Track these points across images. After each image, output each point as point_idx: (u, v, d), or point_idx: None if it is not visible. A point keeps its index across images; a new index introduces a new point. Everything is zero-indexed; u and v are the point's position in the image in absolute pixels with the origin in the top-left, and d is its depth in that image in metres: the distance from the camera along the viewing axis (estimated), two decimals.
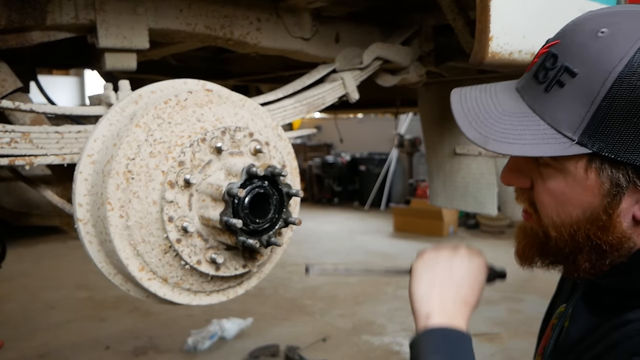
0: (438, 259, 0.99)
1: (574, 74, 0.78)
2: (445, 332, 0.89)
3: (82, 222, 1.13)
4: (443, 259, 0.99)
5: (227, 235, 1.10)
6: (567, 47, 0.80)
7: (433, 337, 0.89)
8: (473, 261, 0.99)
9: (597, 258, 0.84)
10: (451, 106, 0.91)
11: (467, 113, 0.88)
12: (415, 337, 0.91)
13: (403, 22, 2.04)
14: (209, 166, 1.12)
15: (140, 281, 1.12)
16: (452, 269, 0.97)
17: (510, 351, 4.57)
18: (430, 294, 0.95)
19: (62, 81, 12.92)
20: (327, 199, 12.36)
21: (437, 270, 0.97)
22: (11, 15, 1.34)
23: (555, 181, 0.84)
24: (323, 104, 1.73)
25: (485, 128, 0.85)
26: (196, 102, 1.16)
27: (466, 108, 0.89)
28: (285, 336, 4.93)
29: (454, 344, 0.88)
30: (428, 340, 0.89)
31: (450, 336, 0.89)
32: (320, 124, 13.48)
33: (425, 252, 1.02)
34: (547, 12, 1.57)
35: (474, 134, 0.85)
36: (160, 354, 4.64)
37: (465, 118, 0.88)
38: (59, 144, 1.19)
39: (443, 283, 0.96)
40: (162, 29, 1.55)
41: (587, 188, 0.81)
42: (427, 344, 0.89)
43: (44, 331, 5.05)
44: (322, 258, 7.63)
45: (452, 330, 0.89)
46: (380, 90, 2.19)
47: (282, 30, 1.79)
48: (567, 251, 0.86)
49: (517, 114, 0.84)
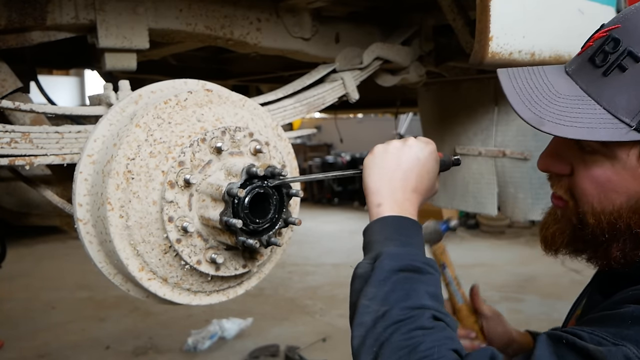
0: (387, 151, 0.99)
1: (638, 58, 0.77)
2: (395, 219, 0.92)
3: (82, 222, 1.13)
4: (392, 151, 0.99)
5: (227, 235, 1.10)
6: (630, 31, 0.80)
7: (382, 225, 0.92)
8: (422, 150, 0.99)
9: (631, 248, 0.84)
10: (501, 84, 0.88)
11: (520, 92, 0.86)
12: (368, 224, 0.94)
13: (403, 22, 2.04)
14: (209, 166, 1.12)
15: (140, 281, 1.12)
16: (400, 159, 0.97)
17: None
18: (380, 185, 0.96)
19: (62, 81, 12.93)
20: (327, 199, 12.37)
21: (386, 162, 0.98)
22: (11, 15, 1.34)
23: (602, 168, 0.83)
24: (323, 104, 1.73)
25: (540, 109, 0.83)
26: (196, 102, 1.16)
27: (517, 87, 0.87)
28: (285, 336, 4.93)
29: (402, 229, 0.91)
30: (378, 227, 0.92)
31: (398, 223, 0.91)
32: (320, 124, 13.49)
33: (375, 147, 1.02)
34: (547, 12, 1.57)
35: (528, 114, 0.83)
36: (160, 354, 4.64)
37: (517, 97, 0.86)
38: (59, 144, 1.19)
39: (392, 174, 0.96)
40: (162, 29, 1.55)
41: (637, 176, 0.81)
42: (376, 231, 0.91)
43: (44, 331, 5.05)
44: (322, 258, 7.62)
45: (401, 217, 0.92)
46: (380, 90, 2.19)
47: (282, 30, 1.79)
48: (602, 239, 0.85)
49: (571, 96, 0.83)
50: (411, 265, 0.85)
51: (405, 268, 0.84)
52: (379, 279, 0.83)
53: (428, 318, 0.78)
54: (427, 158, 0.99)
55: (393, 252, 0.86)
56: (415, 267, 0.85)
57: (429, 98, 2.62)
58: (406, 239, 0.90)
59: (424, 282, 0.84)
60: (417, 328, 0.77)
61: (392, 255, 0.85)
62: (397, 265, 0.84)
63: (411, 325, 0.77)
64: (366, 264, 0.88)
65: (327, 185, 12.23)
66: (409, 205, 0.95)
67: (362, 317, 0.81)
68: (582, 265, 0.92)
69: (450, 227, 1.35)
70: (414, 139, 1.01)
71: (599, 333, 0.73)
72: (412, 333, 0.76)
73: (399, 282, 0.82)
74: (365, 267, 0.87)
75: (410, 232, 0.91)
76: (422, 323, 0.77)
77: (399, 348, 0.75)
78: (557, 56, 1.61)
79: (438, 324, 0.79)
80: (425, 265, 0.86)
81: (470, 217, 9.69)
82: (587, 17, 1.64)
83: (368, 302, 0.81)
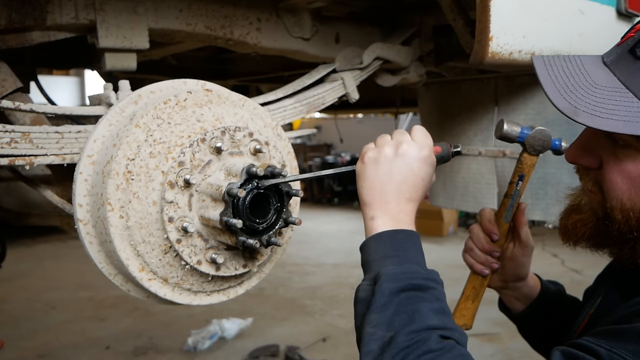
0: (378, 162, 0.95)
1: None
2: (390, 234, 0.90)
3: (82, 223, 1.13)
4: (382, 162, 0.95)
5: (227, 235, 1.10)
6: None
7: (378, 242, 0.90)
8: (416, 160, 0.95)
9: None
10: (536, 71, 0.85)
11: (555, 80, 0.83)
12: (364, 241, 0.92)
13: (403, 22, 2.04)
14: (208, 166, 1.12)
15: (141, 281, 1.12)
16: (392, 171, 0.94)
17: (510, 351, 4.57)
18: (372, 198, 0.94)
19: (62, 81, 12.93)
20: (327, 199, 12.37)
21: (377, 173, 0.95)
22: (11, 15, 1.34)
23: (635, 163, 0.81)
24: (323, 104, 1.73)
25: (575, 98, 0.80)
26: (196, 102, 1.16)
27: (553, 75, 0.84)
28: (285, 336, 4.93)
29: (398, 245, 0.89)
30: (373, 245, 0.90)
31: (394, 238, 0.90)
32: (320, 124, 13.49)
33: (367, 151, 0.98)
34: (547, 12, 1.57)
35: (563, 103, 0.80)
36: (160, 354, 4.64)
37: (552, 85, 0.83)
38: (59, 144, 1.19)
39: (383, 186, 0.93)
40: (162, 29, 1.55)
41: None
42: (373, 249, 0.90)
43: (44, 331, 5.05)
44: (322, 258, 7.62)
45: (396, 231, 0.90)
46: (380, 90, 2.19)
47: (282, 30, 1.78)
48: (629, 236, 0.83)
49: (609, 88, 0.80)
50: (411, 285, 0.83)
51: (406, 288, 0.83)
52: (381, 304, 0.81)
53: (435, 339, 0.77)
54: (420, 167, 0.95)
55: (391, 272, 0.84)
56: (415, 285, 0.83)
57: (429, 98, 2.62)
58: (404, 254, 0.88)
59: (427, 299, 0.83)
60: (426, 352, 0.76)
61: (391, 276, 0.84)
62: (397, 287, 0.82)
63: (418, 351, 0.76)
64: (366, 286, 0.86)
65: (327, 185, 12.23)
66: (403, 215, 0.93)
67: (369, 345, 0.80)
68: (582, 265, 0.91)
69: (561, 147, 1.17)
70: (408, 141, 0.97)
71: (617, 351, 0.71)
72: (421, 358, 0.75)
73: (402, 305, 0.81)
74: (366, 291, 0.86)
75: (407, 246, 0.90)
76: (430, 346, 0.76)
77: None
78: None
79: (446, 344, 0.77)
80: (426, 280, 0.85)
81: (470, 217, 9.69)
82: (587, 17, 1.64)
83: (373, 329, 0.80)
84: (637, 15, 1.76)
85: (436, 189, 2.62)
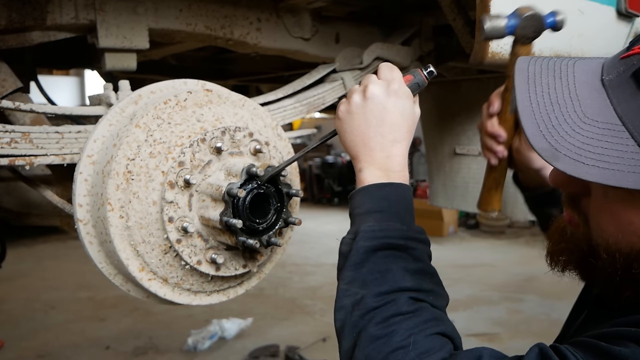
0: (350, 112, 0.91)
1: None
2: (376, 188, 0.87)
3: (82, 223, 1.13)
4: (355, 111, 0.91)
5: (227, 235, 1.10)
6: None
7: (363, 195, 0.87)
8: (385, 96, 0.90)
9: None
10: (515, 92, 0.72)
11: (537, 109, 0.70)
12: (352, 192, 0.90)
13: (403, 22, 2.04)
14: (208, 166, 1.12)
15: (141, 281, 1.12)
16: (367, 117, 0.90)
17: (510, 351, 4.55)
18: (357, 149, 0.91)
19: (62, 81, 12.93)
20: (327, 198, 12.36)
21: (354, 124, 0.91)
22: (11, 15, 1.34)
23: (624, 205, 0.69)
24: (323, 104, 1.73)
25: (558, 137, 0.67)
26: (196, 102, 1.16)
27: (535, 100, 0.70)
28: (285, 336, 4.93)
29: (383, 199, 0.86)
30: (359, 198, 0.88)
31: (379, 192, 0.87)
32: (320, 124, 13.48)
33: (339, 109, 0.94)
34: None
35: (542, 143, 0.67)
36: (160, 354, 4.64)
37: (532, 116, 0.69)
38: (59, 144, 1.19)
39: (363, 135, 0.90)
40: (162, 29, 1.55)
41: None
42: (359, 202, 0.87)
43: (44, 331, 5.05)
44: (322, 258, 7.62)
45: (382, 185, 0.87)
46: None
47: (282, 30, 1.79)
48: (614, 277, 0.73)
49: (600, 123, 0.66)
50: (388, 244, 0.81)
51: (382, 247, 0.81)
52: (355, 262, 0.80)
53: (405, 301, 0.75)
54: (395, 103, 0.90)
55: (369, 229, 0.82)
56: (392, 244, 0.81)
57: (429, 98, 2.62)
58: (387, 209, 0.85)
59: (404, 259, 0.80)
60: (393, 315, 0.74)
61: (369, 233, 0.82)
62: (373, 245, 0.81)
63: (386, 313, 0.74)
64: (348, 240, 0.85)
65: (327, 185, 12.23)
66: (391, 162, 0.89)
67: (342, 300, 0.79)
68: None
69: (557, 22, 1.03)
70: (374, 81, 0.92)
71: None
72: (388, 321, 0.73)
73: (375, 264, 0.79)
74: (347, 245, 0.85)
75: (392, 201, 0.86)
76: (399, 309, 0.74)
77: (374, 338, 0.73)
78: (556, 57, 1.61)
79: (418, 307, 0.75)
80: (406, 240, 0.82)
81: (470, 217, 9.70)
82: (587, 17, 1.63)
83: (346, 286, 0.80)
84: (637, 15, 1.76)
85: (436, 189, 2.62)
